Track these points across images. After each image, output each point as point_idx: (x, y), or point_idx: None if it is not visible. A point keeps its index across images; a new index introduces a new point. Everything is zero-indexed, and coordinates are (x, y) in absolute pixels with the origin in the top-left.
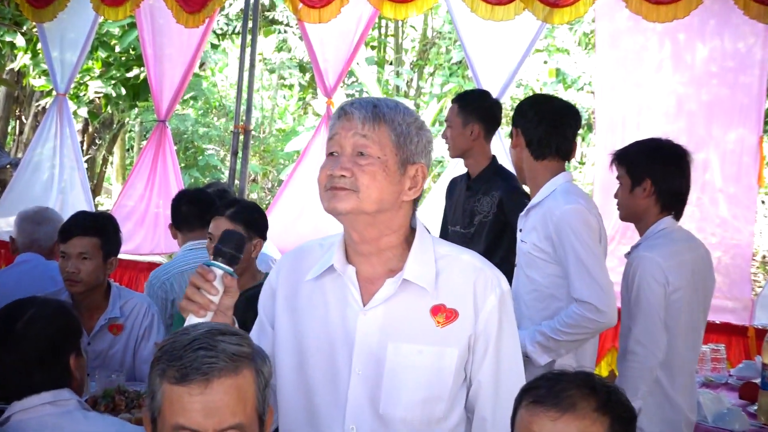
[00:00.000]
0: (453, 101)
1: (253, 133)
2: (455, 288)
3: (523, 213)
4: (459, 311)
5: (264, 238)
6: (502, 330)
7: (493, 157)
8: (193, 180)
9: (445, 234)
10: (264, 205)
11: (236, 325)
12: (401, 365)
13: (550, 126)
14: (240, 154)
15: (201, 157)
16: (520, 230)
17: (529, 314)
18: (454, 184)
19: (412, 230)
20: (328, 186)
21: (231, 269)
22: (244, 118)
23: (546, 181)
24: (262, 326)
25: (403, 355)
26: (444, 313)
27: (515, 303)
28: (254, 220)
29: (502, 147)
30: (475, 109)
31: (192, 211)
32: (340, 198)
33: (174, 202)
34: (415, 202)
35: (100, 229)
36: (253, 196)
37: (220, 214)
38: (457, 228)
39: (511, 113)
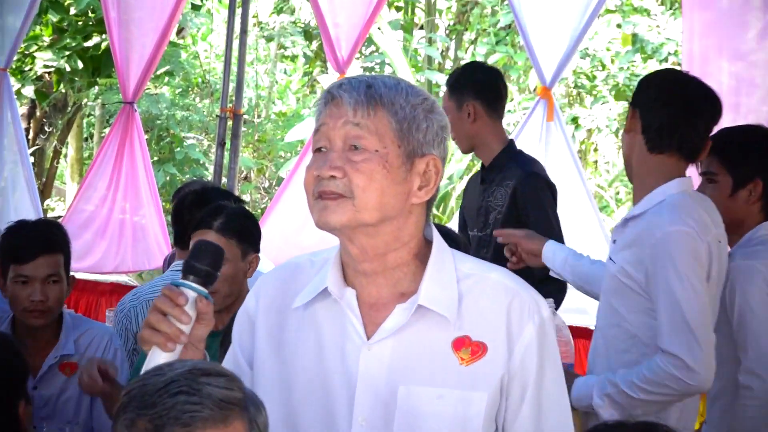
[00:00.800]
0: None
1: (245, 117)
2: (483, 316)
3: (619, 223)
4: (488, 345)
5: (259, 252)
6: (543, 368)
7: (510, 141)
8: (168, 178)
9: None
10: (259, 210)
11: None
12: (416, 413)
13: (679, 111)
14: (228, 145)
15: (179, 149)
16: (614, 242)
17: (606, 353)
18: (470, 182)
19: (427, 242)
20: (316, 192)
21: (206, 291)
22: (233, 98)
23: (656, 184)
24: (237, 363)
25: (419, 401)
26: (469, 348)
27: (596, 332)
28: (249, 231)
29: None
30: (467, 84)
31: (197, 218)
32: (332, 209)
33: (175, 211)
34: (429, 206)
35: (62, 242)
36: (246, 198)
37: (206, 226)
38: (475, 231)
39: (576, 91)
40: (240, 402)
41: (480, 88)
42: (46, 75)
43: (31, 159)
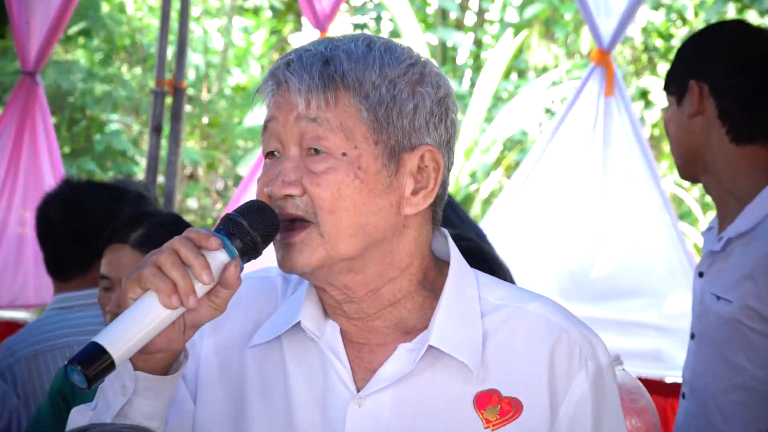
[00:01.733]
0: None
1: (190, 92)
2: (517, 362)
3: (717, 244)
4: (523, 403)
5: None
6: None
7: None
8: (84, 176)
9: None
10: (210, 220)
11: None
12: None
13: None
14: (167, 131)
15: (99, 137)
16: (700, 275)
17: (726, 428)
18: None
19: (438, 261)
20: None
21: (241, 259)
22: (173, 67)
23: (752, 186)
24: (179, 398)
25: None
26: (498, 407)
27: (697, 399)
28: None
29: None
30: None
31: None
32: (298, 249)
33: (39, 215)
34: (435, 211)
35: None
36: (191, 203)
37: (121, 240)
38: None
39: (645, 55)
40: None
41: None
42: None
43: None
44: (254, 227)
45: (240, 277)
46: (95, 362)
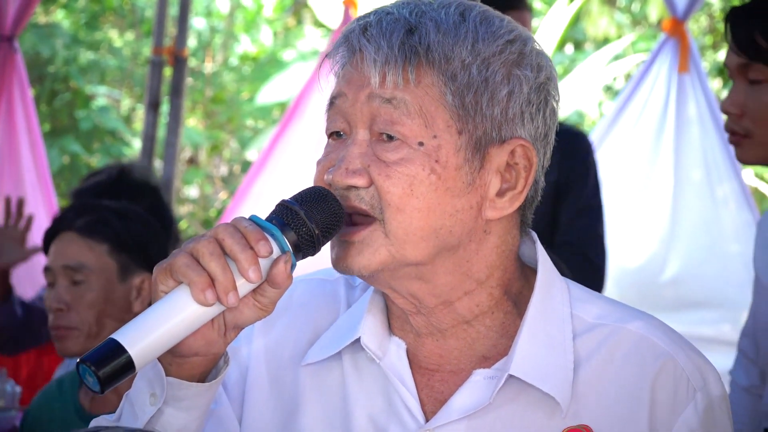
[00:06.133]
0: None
1: (192, 64)
2: (613, 395)
3: None
4: None
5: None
6: None
7: None
8: (68, 159)
9: None
10: (213, 211)
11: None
12: None
13: None
14: (166, 107)
15: (84, 114)
16: None
17: None
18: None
19: (524, 270)
20: None
21: (294, 256)
22: (173, 33)
23: None
24: (220, 420)
25: None
26: None
27: None
28: (136, 237)
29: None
30: None
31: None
32: (357, 249)
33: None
34: (524, 216)
35: None
36: (191, 191)
37: (64, 228)
38: None
39: (721, 25)
40: None
41: None
42: None
43: None
44: (312, 218)
45: (291, 276)
46: (111, 362)
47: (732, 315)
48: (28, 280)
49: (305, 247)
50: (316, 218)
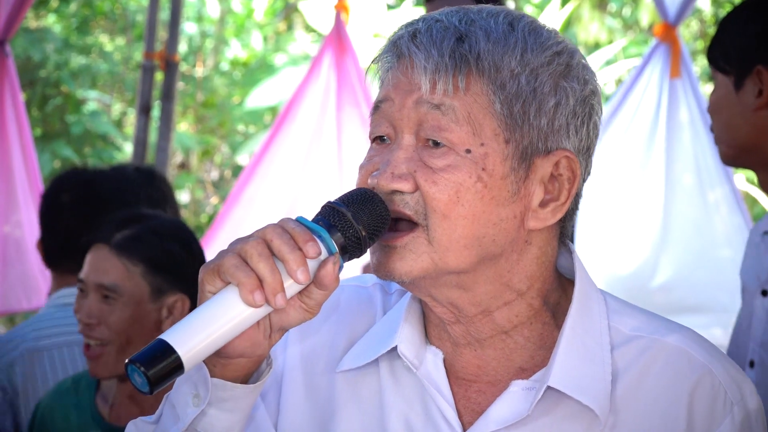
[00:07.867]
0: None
1: (183, 68)
2: (650, 406)
3: None
4: None
5: (189, 293)
6: None
7: None
8: (59, 164)
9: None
10: (204, 216)
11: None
12: None
13: None
14: (157, 111)
15: (76, 118)
16: (764, 293)
17: None
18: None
19: (562, 281)
20: None
21: (341, 257)
22: (166, 38)
23: None
24: (257, 418)
25: None
26: None
27: None
28: (172, 258)
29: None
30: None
31: (77, 218)
32: (397, 254)
33: (45, 200)
34: (564, 228)
35: None
36: (183, 196)
37: (101, 240)
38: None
39: (712, 29)
40: None
41: None
42: None
43: None
44: (359, 220)
45: (338, 278)
46: (160, 362)
47: (723, 320)
48: (23, 289)
49: (352, 249)
50: (362, 220)
